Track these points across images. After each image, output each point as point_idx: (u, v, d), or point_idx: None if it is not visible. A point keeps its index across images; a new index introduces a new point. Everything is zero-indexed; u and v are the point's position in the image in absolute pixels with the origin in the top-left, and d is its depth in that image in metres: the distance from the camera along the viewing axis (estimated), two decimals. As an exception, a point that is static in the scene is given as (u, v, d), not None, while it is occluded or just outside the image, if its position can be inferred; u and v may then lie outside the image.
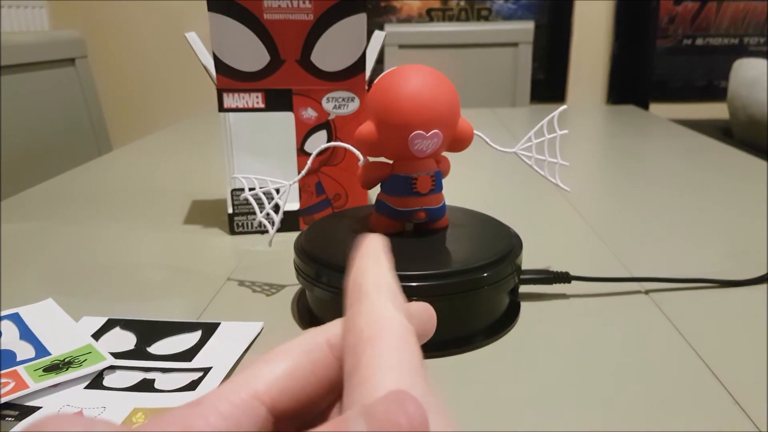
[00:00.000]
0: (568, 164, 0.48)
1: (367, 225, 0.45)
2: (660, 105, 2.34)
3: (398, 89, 0.40)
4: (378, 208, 0.44)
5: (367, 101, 0.42)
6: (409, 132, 0.40)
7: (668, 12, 2.25)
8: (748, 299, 0.46)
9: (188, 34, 0.57)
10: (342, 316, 0.18)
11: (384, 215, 0.44)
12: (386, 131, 0.40)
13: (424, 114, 0.39)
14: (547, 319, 0.43)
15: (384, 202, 0.44)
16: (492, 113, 1.31)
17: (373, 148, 0.42)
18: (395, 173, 0.43)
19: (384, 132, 0.40)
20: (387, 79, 0.41)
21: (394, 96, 0.40)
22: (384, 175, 0.43)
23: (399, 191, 0.43)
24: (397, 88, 0.40)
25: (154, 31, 2.28)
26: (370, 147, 0.42)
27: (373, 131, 0.41)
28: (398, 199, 0.43)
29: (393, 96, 0.40)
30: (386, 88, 0.40)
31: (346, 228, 0.46)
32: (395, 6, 2.26)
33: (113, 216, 0.68)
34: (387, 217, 0.44)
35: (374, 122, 0.41)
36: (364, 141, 0.41)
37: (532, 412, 0.33)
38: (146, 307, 0.46)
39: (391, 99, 0.40)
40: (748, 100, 1.50)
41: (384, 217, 0.44)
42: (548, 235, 0.60)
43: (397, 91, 0.40)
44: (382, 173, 0.43)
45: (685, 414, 0.33)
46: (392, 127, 0.40)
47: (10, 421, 0.33)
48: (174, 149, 1.01)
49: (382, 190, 0.44)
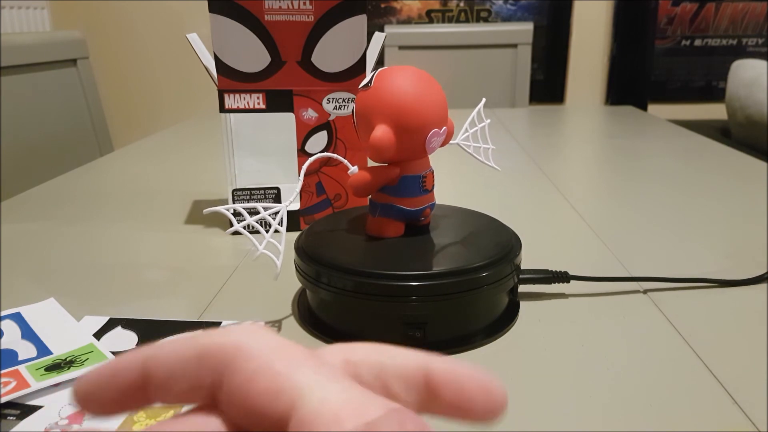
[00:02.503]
0: (494, 147, 0.53)
1: (368, 224, 0.45)
2: (658, 106, 2.34)
3: (412, 91, 0.40)
4: (385, 213, 0.43)
5: (374, 106, 0.40)
6: (428, 131, 0.41)
7: (667, 13, 2.26)
8: (746, 299, 0.46)
9: (189, 35, 0.58)
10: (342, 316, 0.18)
11: (393, 218, 0.43)
12: (405, 134, 0.40)
13: (438, 112, 0.41)
14: (546, 319, 0.43)
15: (394, 206, 0.43)
16: (492, 114, 1.32)
17: (392, 152, 0.41)
18: (405, 174, 0.42)
19: (402, 135, 0.40)
20: (392, 82, 0.40)
21: (412, 98, 0.40)
22: (391, 178, 0.42)
23: (411, 191, 0.43)
24: (411, 90, 0.40)
25: (155, 32, 2.28)
26: (389, 152, 0.41)
27: (392, 136, 0.40)
28: (411, 200, 0.43)
29: (410, 98, 0.40)
30: (398, 92, 0.40)
31: (346, 228, 0.46)
32: (395, 7, 2.27)
33: (115, 216, 0.68)
34: (397, 220, 0.43)
35: (390, 126, 0.40)
36: (386, 147, 0.40)
37: (531, 412, 0.34)
38: (147, 306, 0.46)
39: (408, 101, 0.40)
40: (746, 100, 1.50)
41: (393, 220, 0.43)
42: (547, 235, 0.60)
43: (412, 93, 0.40)
44: (389, 177, 0.42)
45: (683, 413, 0.33)
46: (413, 128, 0.40)
47: (11, 420, 0.33)
48: (175, 150, 1.01)
49: (389, 193, 0.43)
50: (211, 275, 0.52)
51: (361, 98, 0.41)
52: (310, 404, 0.14)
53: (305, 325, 0.43)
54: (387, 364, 0.17)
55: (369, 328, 0.40)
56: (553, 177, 0.81)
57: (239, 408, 0.15)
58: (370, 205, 0.45)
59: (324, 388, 0.14)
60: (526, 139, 1.06)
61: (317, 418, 0.13)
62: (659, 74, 2.32)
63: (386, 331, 0.40)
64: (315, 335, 0.42)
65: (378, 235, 0.43)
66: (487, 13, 2.27)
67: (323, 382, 0.14)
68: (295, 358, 0.15)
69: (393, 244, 0.43)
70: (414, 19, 2.28)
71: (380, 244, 0.43)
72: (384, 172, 0.42)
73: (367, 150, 0.41)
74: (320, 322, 0.43)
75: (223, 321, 0.43)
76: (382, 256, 0.41)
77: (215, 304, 0.47)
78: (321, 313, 0.43)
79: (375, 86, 0.41)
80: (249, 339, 0.16)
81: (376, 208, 0.44)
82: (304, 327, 0.43)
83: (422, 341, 0.40)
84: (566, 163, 0.89)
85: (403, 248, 0.42)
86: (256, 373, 0.15)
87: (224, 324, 0.43)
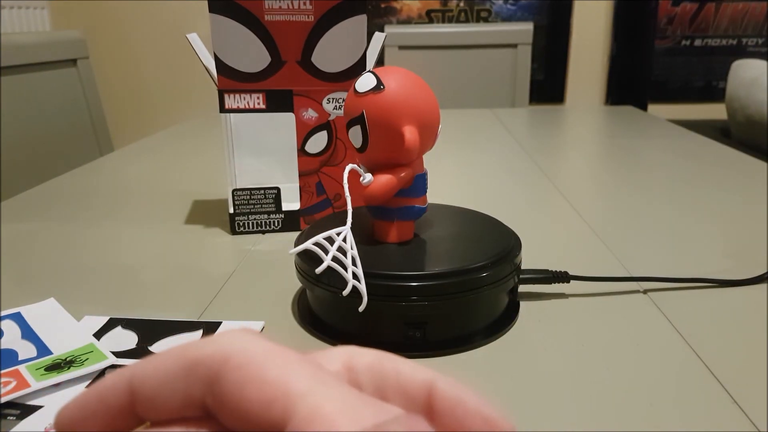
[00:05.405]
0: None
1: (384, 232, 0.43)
2: (658, 106, 2.34)
3: (428, 91, 0.41)
4: (403, 216, 0.43)
5: (396, 108, 0.39)
6: (438, 127, 0.42)
7: (667, 13, 2.26)
8: (746, 299, 0.46)
9: (189, 35, 0.58)
10: (342, 316, 0.18)
11: (411, 220, 0.43)
12: (427, 133, 0.41)
13: (438, 109, 0.42)
14: (546, 319, 0.43)
15: (414, 207, 0.43)
16: (491, 114, 1.32)
17: (418, 152, 0.41)
18: (418, 173, 0.42)
19: (424, 133, 0.41)
20: (408, 83, 0.40)
21: (431, 98, 0.41)
22: (409, 178, 0.42)
23: (423, 189, 0.43)
24: (427, 90, 0.41)
25: (155, 32, 2.28)
26: (417, 152, 0.41)
27: (418, 136, 0.40)
28: (423, 198, 0.43)
29: (431, 99, 0.41)
30: (419, 93, 0.40)
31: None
32: (395, 7, 2.27)
33: (115, 216, 0.68)
34: (411, 220, 0.44)
35: (417, 127, 0.40)
36: (417, 148, 0.40)
37: (531, 412, 0.34)
38: (148, 306, 0.46)
39: (430, 102, 0.41)
40: (746, 100, 1.50)
41: (410, 222, 0.43)
42: (547, 235, 0.60)
43: (429, 93, 0.41)
44: (408, 177, 0.42)
45: (683, 413, 0.33)
46: (433, 127, 0.41)
47: (11, 420, 0.33)
48: (175, 150, 1.01)
49: (405, 195, 0.42)
50: (211, 275, 0.52)
51: (376, 101, 0.39)
52: (304, 411, 0.13)
53: (305, 325, 0.43)
54: (389, 376, 0.16)
55: (369, 328, 0.40)
56: (553, 177, 0.81)
57: (232, 416, 0.14)
58: (380, 212, 0.43)
59: (319, 394, 0.14)
60: (526, 139, 1.06)
61: (311, 424, 0.13)
62: (659, 74, 2.32)
63: (386, 331, 0.40)
64: (315, 335, 0.42)
65: (398, 241, 0.43)
66: (487, 13, 2.27)
67: (318, 387, 0.14)
68: (288, 363, 0.14)
69: (393, 244, 0.43)
70: (414, 19, 2.28)
71: (380, 244, 0.43)
72: (404, 173, 0.41)
73: (396, 152, 0.40)
74: (320, 323, 0.43)
75: (223, 321, 0.43)
76: (382, 256, 0.41)
77: (215, 304, 0.47)
78: (321, 314, 0.43)
79: (393, 89, 0.39)
80: (238, 346, 0.15)
81: (392, 213, 0.42)
82: (304, 327, 0.43)
83: (422, 341, 0.40)
84: (566, 163, 0.89)
85: (403, 248, 0.42)
86: (247, 381, 0.14)
87: (224, 324, 0.43)
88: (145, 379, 0.15)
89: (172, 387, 0.15)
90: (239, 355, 0.15)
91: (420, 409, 0.16)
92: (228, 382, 0.14)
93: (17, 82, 1.11)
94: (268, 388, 0.14)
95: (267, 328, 0.43)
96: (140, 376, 0.15)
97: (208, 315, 0.45)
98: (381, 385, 0.16)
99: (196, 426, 0.15)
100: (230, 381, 0.14)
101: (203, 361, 0.15)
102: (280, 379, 0.14)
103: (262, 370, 0.14)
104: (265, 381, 0.14)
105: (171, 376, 0.15)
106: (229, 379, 0.14)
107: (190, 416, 0.15)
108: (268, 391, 0.14)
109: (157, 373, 0.15)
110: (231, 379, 0.14)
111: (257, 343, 0.15)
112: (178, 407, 0.15)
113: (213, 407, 0.15)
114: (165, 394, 0.15)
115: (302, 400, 0.13)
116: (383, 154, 0.41)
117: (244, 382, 0.14)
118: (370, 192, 0.40)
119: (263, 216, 0.61)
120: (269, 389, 0.14)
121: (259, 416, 0.14)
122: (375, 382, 0.16)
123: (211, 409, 0.15)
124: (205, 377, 0.15)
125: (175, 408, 0.15)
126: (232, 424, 0.14)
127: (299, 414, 0.13)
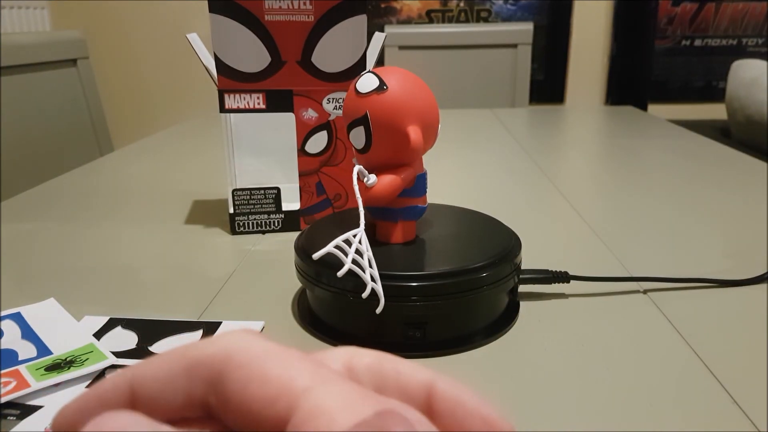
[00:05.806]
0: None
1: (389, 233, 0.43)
2: (658, 106, 2.34)
3: (428, 91, 0.41)
4: (407, 216, 0.43)
5: (401, 108, 0.39)
6: (438, 126, 0.42)
7: (667, 13, 2.26)
8: (747, 299, 0.46)
9: (189, 35, 0.58)
10: (342, 316, 0.18)
11: (414, 220, 0.43)
12: (429, 132, 0.41)
13: (437, 108, 0.42)
14: (546, 319, 0.43)
15: (417, 206, 0.43)
16: (491, 114, 1.32)
17: (421, 152, 0.41)
18: (419, 173, 0.42)
19: (427, 133, 0.41)
20: (411, 84, 0.40)
21: (431, 98, 0.41)
22: (412, 177, 0.42)
23: (424, 189, 0.43)
24: (427, 90, 0.41)
25: (155, 32, 2.28)
26: (421, 152, 0.41)
27: (422, 136, 0.40)
28: (423, 198, 0.43)
29: (431, 98, 0.41)
30: (422, 93, 0.40)
31: (346, 228, 0.46)
32: (395, 7, 2.27)
33: (114, 216, 0.68)
34: (413, 220, 0.43)
35: (420, 126, 0.40)
36: (423, 148, 0.40)
37: (531, 412, 0.34)
38: (148, 306, 0.46)
39: (431, 101, 0.41)
40: (746, 100, 1.50)
41: (411, 222, 0.43)
42: (547, 235, 0.60)
43: (428, 92, 0.41)
44: (411, 177, 0.42)
45: (683, 414, 0.33)
46: (434, 126, 0.42)
47: (11, 420, 0.33)
48: (175, 150, 1.01)
49: (409, 195, 0.42)
50: (211, 275, 0.52)
51: (379, 101, 0.39)
52: (306, 406, 0.14)
53: (305, 325, 0.43)
54: (389, 376, 0.17)
55: (369, 328, 0.40)
56: (553, 177, 0.81)
57: (236, 415, 0.15)
58: (382, 213, 0.43)
59: (321, 389, 0.14)
60: (526, 139, 1.06)
61: (313, 420, 0.13)
62: (659, 74, 2.32)
63: (386, 331, 0.40)
64: (315, 335, 0.42)
65: (403, 241, 0.43)
66: (487, 13, 2.27)
67: (320, 383, 0.14)
68: (289, 361, 0.15)
69: (393, 245, 0.43)
70: (414, 19, 2.28)
71: (380, 245, 0.43)
72: (407, 173, 0.41)
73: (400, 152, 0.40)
74: (320, 323, 0.43)
75: (223, 321, 0.43)
76: (382, 256, 0.41)
77: (215, 304, 0.47)
78: (321, 314, 0.43)
79: (395, 88, 0.39)
80: (240, 345, 0.15)
81: (395, 213, 0.42)
82: (304, 327, 0.43)
83: (422, 341, 0.40)
84: (566, 163, 0.89)
85: (403, 248, 0.42)
86: (250, 380, 0.14)
87: (224, 324, 0.43)
88: (146, 379, 0.15)
89: (173, 387, 0.15)
90: (241, 355, 0.15)
91: (420, 409, 0.16)
92: (231, 381, 0.15)
93: (17, 82, 1.11)
94: (270, 386, 0.14)
95: (267, 328, 0.43)
96: (141, 377, 0.15)
97: (208, 315, 0.45)
98: (381, 386, 0.16)
99: (198, 426, 0.15)
100: (233, 380, 0.14)
101: (205, 361, 0.15)
102: (283, 376, 0.14)
103: (264, 369, 0.14)
104: (267, 379, 0.14)
105: (172, 376, 0.15)
106: (232, 378, 0.15)
107: (191, 416, 0.15)
108: (271, 389, 0.14)
109: (159, 373, 0.15)
110: (234, 378, 0.14)
111: (258, 342, 0.15)
112: (179, 408, 0.15)
113: (216, 407, 0.15)
114: (166, 395, 0.15)
115: (304, 396, 0.14)
116: (387, 155, 0.40)
117: (247, 381, 0.14)
118: (376, 193, 0.40)
119: (263, 216, 0.61)
120: (272, 387, 0.14)
121: (262, 413, 0.14)
122: (375, 383, 0.17)
123: (214, 408, 0.15)
124: (208, 377, 0.15)
125: (176, 408, 0.15)
126: (236, 422, 0.15)
127: (302, 409, 0.13)
